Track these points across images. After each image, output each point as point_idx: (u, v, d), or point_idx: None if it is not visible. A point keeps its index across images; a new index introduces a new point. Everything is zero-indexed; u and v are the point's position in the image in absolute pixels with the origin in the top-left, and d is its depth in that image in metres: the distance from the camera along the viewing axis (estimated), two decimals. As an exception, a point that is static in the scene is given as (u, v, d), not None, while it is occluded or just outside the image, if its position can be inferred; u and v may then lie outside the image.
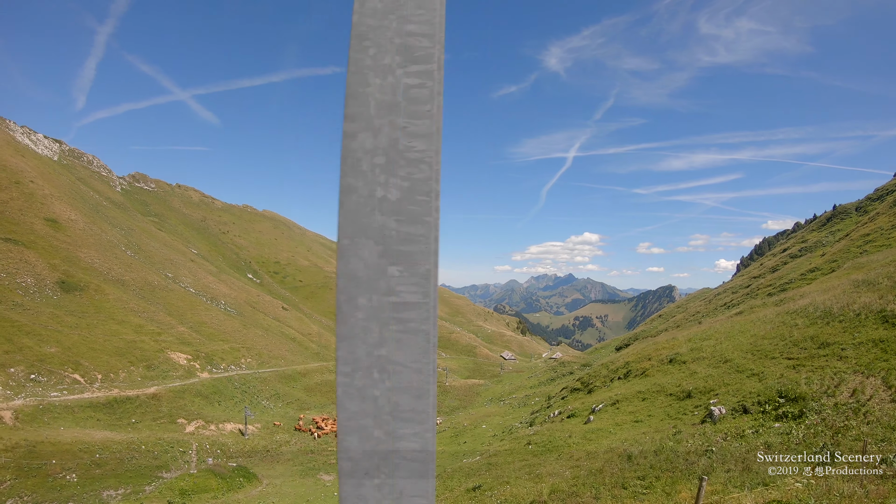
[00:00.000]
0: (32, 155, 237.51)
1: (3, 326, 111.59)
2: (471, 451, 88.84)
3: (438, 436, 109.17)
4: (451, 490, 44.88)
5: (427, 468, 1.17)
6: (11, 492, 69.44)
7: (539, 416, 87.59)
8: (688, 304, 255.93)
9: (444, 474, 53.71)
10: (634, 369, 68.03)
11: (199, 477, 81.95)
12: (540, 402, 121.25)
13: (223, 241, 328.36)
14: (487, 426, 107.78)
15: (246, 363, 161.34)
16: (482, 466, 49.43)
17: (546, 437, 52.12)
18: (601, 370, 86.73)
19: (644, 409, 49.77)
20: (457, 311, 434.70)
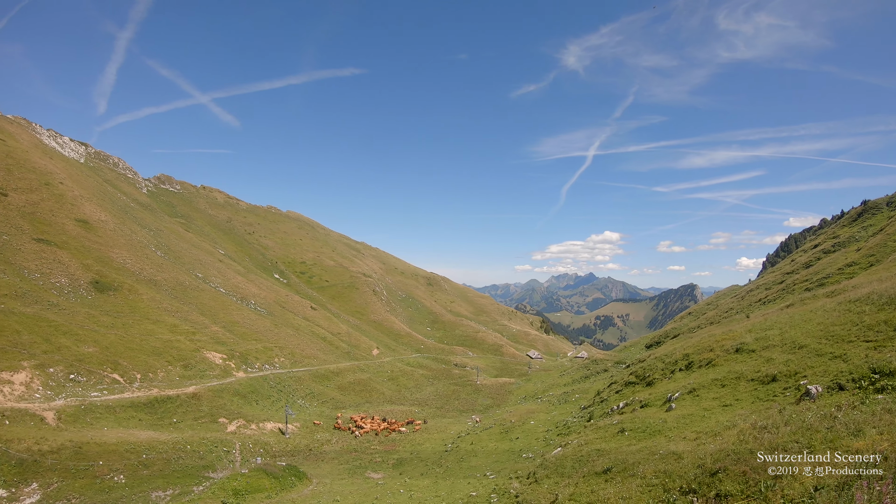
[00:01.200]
0: (60, 157, 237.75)
1: (41, 326, 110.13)
2: (527, 447, 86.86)
3: (487, 432, 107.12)
4: (567, 476, 43.31)
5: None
6: (59, 494, 67.30)
7: (596, 410, 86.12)
8: (717, 301, 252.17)
9: (550, 465, 51.78)
10: (697, 360, 67.48)
11: (251, 477, 79.59)
12: (585, 397, 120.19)
13: (249, 242, 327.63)
14: (536, 422, 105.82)
15: (279, 362, 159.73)
16: (589, 454, 47.44)
17: (637, 425, 51.16)
18: (655, 364, 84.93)
19: (727, 394, 49.68)
20: (481, 309, 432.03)
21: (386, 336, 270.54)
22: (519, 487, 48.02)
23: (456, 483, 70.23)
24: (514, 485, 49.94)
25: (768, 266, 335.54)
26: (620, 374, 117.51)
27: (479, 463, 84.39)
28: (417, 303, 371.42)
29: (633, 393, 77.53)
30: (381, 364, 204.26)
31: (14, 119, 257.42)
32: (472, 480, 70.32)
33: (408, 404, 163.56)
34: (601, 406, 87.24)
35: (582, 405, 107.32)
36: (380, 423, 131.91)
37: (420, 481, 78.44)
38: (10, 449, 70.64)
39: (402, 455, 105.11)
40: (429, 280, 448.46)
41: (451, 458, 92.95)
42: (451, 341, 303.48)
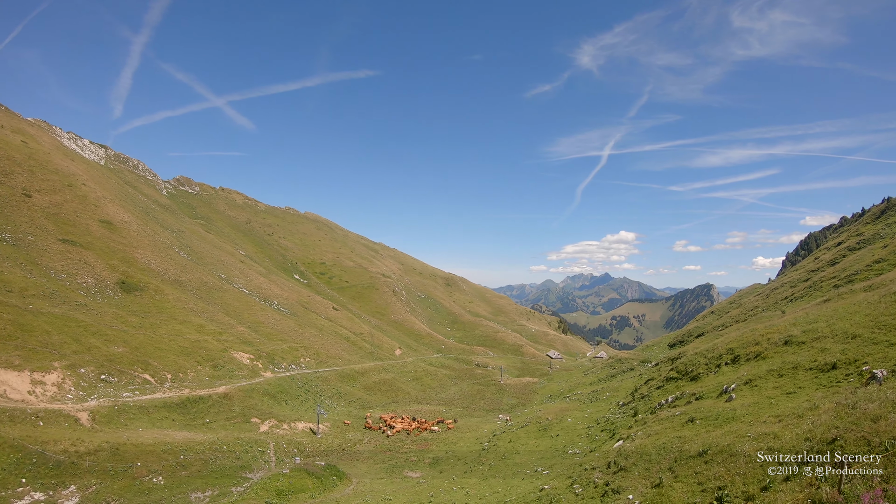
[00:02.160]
0: (81, 159, 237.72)
1: (70, 326, 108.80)
2: (571, 444, 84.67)
3: (523, 430, 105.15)
4: (656, 462, 42.79)
5: None
6: (98, 496, 65.47)
7: (640, 406, 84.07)
8: (740, 299, 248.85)
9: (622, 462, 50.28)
10: (743, 354, 67.31)
11: (293, 476, 77.76)
12: (618, 395, 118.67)
13: (269, 243, 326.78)
14: (573, 419, 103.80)
15: (305, 362, 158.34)
16: (670, 441, 46.63)
17: (703, 415, 50.68)
18: (697, 359, 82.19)
19: (787, 383, 49.78)
20: (499, 310, 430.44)
21: (407, 336, 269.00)
22: (603, 477, 46.94)
23: (510, 481, 68.17)
24: (595, 475, 48.60)
25: (788, 265, 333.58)
26: (656, 372, 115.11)
27: (523, 460, 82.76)
28: (436, 303, 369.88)
29: (677, 388, 76.60)
30: (404, 364, 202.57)
31: (34, 122, 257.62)
32: (526, 477, 68.50)
33: (434, 404, 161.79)
34: (643, 402, 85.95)
35: (619, 402, 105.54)
36: (410, 422, 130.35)
37: (467, 480, 76.54)
38: (46, 451, 68.93)
39: (436, 454, 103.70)
40: (447, 280, 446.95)
41: (491, 456, 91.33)
42: (471, 341, 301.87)
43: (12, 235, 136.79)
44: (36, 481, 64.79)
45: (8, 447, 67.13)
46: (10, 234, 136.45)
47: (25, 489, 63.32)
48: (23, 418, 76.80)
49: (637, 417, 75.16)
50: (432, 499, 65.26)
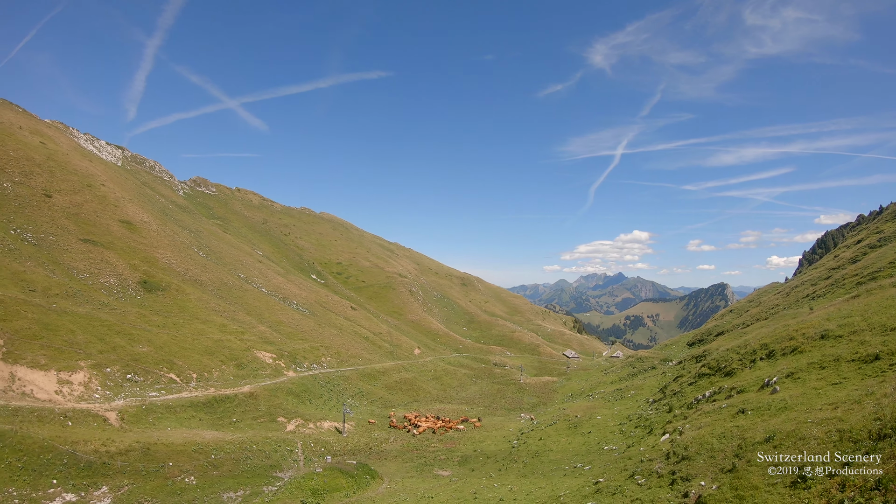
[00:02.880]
0: (98, 160, 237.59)
1: (94, 326, 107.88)
2: (604, 440, 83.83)
3: (552, 428, 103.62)
4: (720, 451, 42.36)
5: None
6: (130, 497, 64.14)
7: (674, 402, 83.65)
8: (759, 298, 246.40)
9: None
10: (778, 349, 67.69)
11: (327, 475, 76.38)
12: (642, 393, 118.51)
13: (285, 243, 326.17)
14: (602, 417, 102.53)
15: (326, 362, 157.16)
16: (727, 430, 45.90)
17: (753, 406, 50.40)
18: (729, 355, 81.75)
19: (831, 374, 49.96)
20: (515, 309, 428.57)
21: (424, 336, 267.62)
22: (665, 466, 46.22)
23: (552, 478, 66.44)
24: (656, 466, 47.81)
25: (806, 263, 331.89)
26: (681, 369, 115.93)
27: (558, 457, 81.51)
28: (453, 303, 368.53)
29: (711, 384, 76.96)
30: (423, 363, 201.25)
31: (52, 123, 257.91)
32: (567, 474, 67.07)
33: (455, 403, 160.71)
34: (676, 398, 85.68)
35: (647, 399, 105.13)
36: (434, 421, 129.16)
37: (504, 477, 75.20)
38: (76, 451, 67.75)
39: (465, 452, 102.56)
40: (463, 280, 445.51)
41: (523, 454, 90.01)
42: (488, 341, 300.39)
43: (34, 235, 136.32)
44: (67, 482, 63.61)
45: (37, 447, 66.01)
46: (31, 234, 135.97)
47: (57, 490, 62.14)
48: (51, 418, 75.75)
49: (674, 413, 75.01)
50: (476, 496, 63.65)
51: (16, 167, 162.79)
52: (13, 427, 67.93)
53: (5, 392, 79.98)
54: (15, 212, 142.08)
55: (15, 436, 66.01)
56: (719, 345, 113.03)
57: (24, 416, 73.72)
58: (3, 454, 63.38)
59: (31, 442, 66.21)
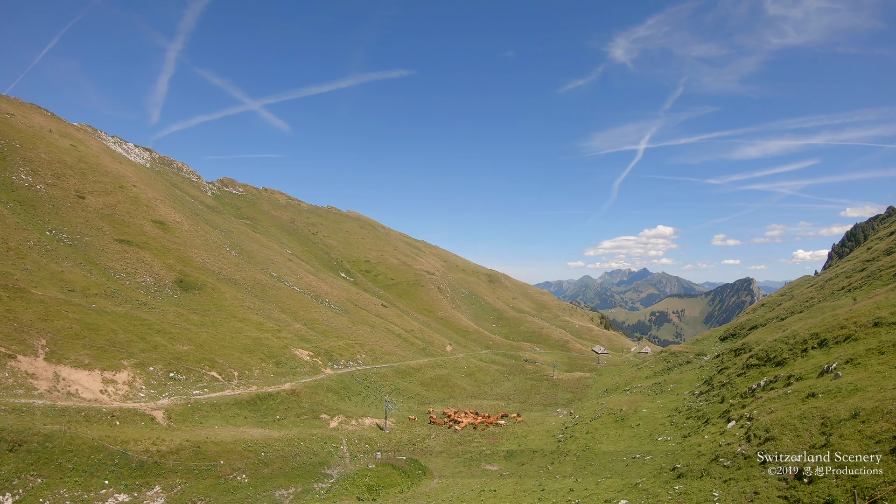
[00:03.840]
0: (128, 162, 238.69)
1: (135, 325, 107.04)
2: (656, 432, 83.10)
3: (598, 421, 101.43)
4: (806, 430, 43.45)
5: None
6: (183, 497, 62.58)
7: (725, 392, 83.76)
8: (791, 291, 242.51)
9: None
10: (830, 338, 68.96)
11: (380, 471, 75.12)
12: (681, 387, 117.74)
13: (314, 242, 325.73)
14: (648, 410, 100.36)
15: (362, 359, 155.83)
16: (805, 412, 47.18)
17: (821, 390, 51.30)
18: (777, 346, 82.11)
19: (892, 359, 50.77)
20: (542, 306, 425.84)
21: (454, 333, 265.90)
22: (749, 448, 47.12)
23: (615, 469, 65.02)
24: (739, 448, 48.42)
25: (836, 256, 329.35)
26: (719, 363, 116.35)
27: (612, 449, 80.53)
28: (480, 300, 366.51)
29: (762, 374, 77.40)
30: (456, 360, 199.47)
31: (80, 126, 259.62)
32: (630, 464, 66.58)
33: (491, 399, 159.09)
34: (726, 389, 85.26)
35: (692, 392, 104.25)
36: (474, 416, 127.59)
37: (561, 468, 74.51)
38: (127, 451, 66.32)
39: (509, 448, 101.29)
40: (489, 277, 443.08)
41: (573, 447, 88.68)
42: (517, 337, 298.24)
43: (69, 236, 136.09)
44: (119, 482, 62.19)
45: (87, 448, 64.66)
46: (66, 235, 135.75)
47: (109, 491, 60.73)
48: (98, 418, 74.55)
49: (728, 403, 74.85)
50: (543, 488, 61.79)
51: (48, 170, 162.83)
52: (62, 427, 66.65)
53: (50, 392, 78.99)
54: (49, 213, 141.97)
55: (64, 436, 64.70)
56: (759, 337, 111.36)
57: (71, 416, 72.57)
58: (53, 455, 62.06)
59: (80, 442, 64.88)
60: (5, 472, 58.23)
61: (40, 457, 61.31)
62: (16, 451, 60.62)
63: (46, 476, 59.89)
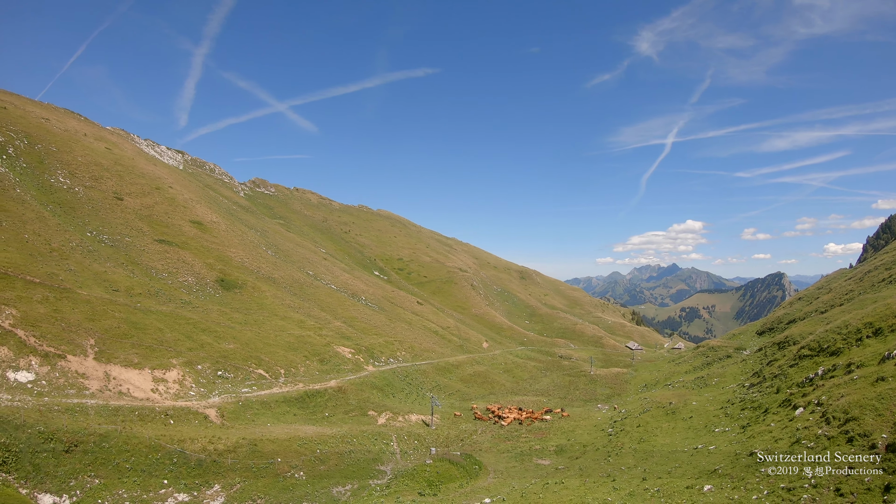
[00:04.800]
0: (162, 164, 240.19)
1: (180, 324, 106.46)
2: (712, 424, 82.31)
3: (648, 415, 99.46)
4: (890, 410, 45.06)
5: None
6: (243, 495, 61.18)
7: (779, 383, 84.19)
8: (828, 284, 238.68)
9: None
10: (885, 326, 71.09)
11: (438, 466, 73.90)
12: (726, 380, 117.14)
13: (346, 241, 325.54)
14: (698, 402, 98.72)
15: (402, 356, 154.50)
16: (883, 394, 49.06)
17: (890, 374, 52.86)
18: (829, 336, 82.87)
19: None
20: (574, 302, 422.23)
21: (489, 329, 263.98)
22: (828, 430, 49.29)
23: (680, 459, 64.02)
24: (819, 431, 50.52)
25: (871, 249, 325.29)
26: (766, 355, 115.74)
27: (668, 441, 79.60)
28: (513, 296, 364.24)
29: (817, 364, 78.29)
30: (493, 356, 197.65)
31: (114, 130, 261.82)
32: (695, 453, 65.86)
33: (531, 395, 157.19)
34: (779, 380, 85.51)
35: (742, 384, 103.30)
36: (519, 412, 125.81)
37: (620, 460, 72.85)
38: (185, 450, 65.07)
39: (558, 442, 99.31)
40: (521, 273, 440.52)
41: (626, 440, 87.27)
42: (550, 333, 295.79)
43: (110, 237, 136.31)
44: (178, 482, 60.98)
45: (144, 447, 63.55)
46: (107, 236, 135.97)
47: (168, 490, 59.51)
48: (152, 417, 73.58)
49: (786, 392, 74.78)
50: (614, 480, 60.04)
51: (86, 172, 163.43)
52: (117, 427, 65.64)
53: (102, 391, 78.14)
54: (89, 214, 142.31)
55: (120, 436, 63.65)
56: (802, 330, 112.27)
57: (124, 415, 71.65)
58: (110, 455, 61.02)
59: (136, 442, 63.79)
60: (62, 473, 57.34)
61: (97, 457, 60.34)
62: (72, 451, 59.68)
63: (104, 477, 58.87)
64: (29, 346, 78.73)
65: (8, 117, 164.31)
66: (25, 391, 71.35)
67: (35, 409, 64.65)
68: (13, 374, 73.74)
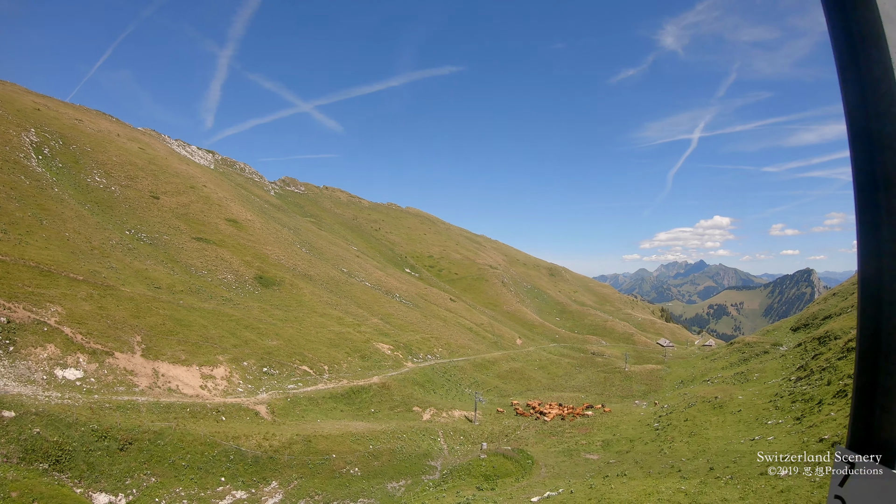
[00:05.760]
0: (194, 164, 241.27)
1: (223, 321, 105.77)
2: (764, 416, 79.58)
3: (694, 409, 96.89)
4: None
5: None
6: (300, 492, 59.82)
7: (829, 375, 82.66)
8: None
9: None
10: None
11: (493, 461, 72.40)
12: (769, 375, 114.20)
13: (377, 238, 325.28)
14: (744, 396, 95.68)
15: (438, 352, 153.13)
16: None
17: None
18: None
19: None
20: (604, 299, 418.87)
21: (521, 326, 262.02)
22: None
23: (740, 450, 61.80)
24: None
25: None
26: (807, 350, 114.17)
27: (720, 434, 77.30)
28: (543, 293, 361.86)
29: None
30: (527, 353, 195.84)
31: (145, 131, 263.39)
32: (755, 443, 64.32)
33: (568, 391, 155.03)
34: (828, 373, 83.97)
35: (789, 378, 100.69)
36: (560, 408, 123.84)
37: (677, 451, 71.03)
38: (241, 446, 63.91)
39: (603, 437, 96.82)
40: (550, 271, 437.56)
41: (676, 434, 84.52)
42: (581, 330, 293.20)
43: (148, 235, 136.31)
44: (236, 479, 59.78)
45: (199, 444, 62.40)
46: (146, 234, 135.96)
47: (226, 488, 58.30)
48: (204, 414, 72.53)
49: (838, 384, 73.73)
50: (680, 470, 58.46)
51: (121, 171, 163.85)
52: (171, 424, 64.61)
53: (151, 388, 77.31)
54: (127, 213, 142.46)
55: (174, 433, 62.58)
56: (843, 325, 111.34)
57: (176, 412, 70.63)
58: (166, 453, 59.92)
59: (191, 439, 62.67)
60: (117, 471, 56.20)
61: (152, 455, 59.25)
62: (126, 449, 58.60)
63: (160, 475, 57.73)
64: (76, 343, 78.00)
65: (42, 118, 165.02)
66: (74, 389, 70.55)
67: (86, 406, 63.69)
68: (61, 371, 72.95)
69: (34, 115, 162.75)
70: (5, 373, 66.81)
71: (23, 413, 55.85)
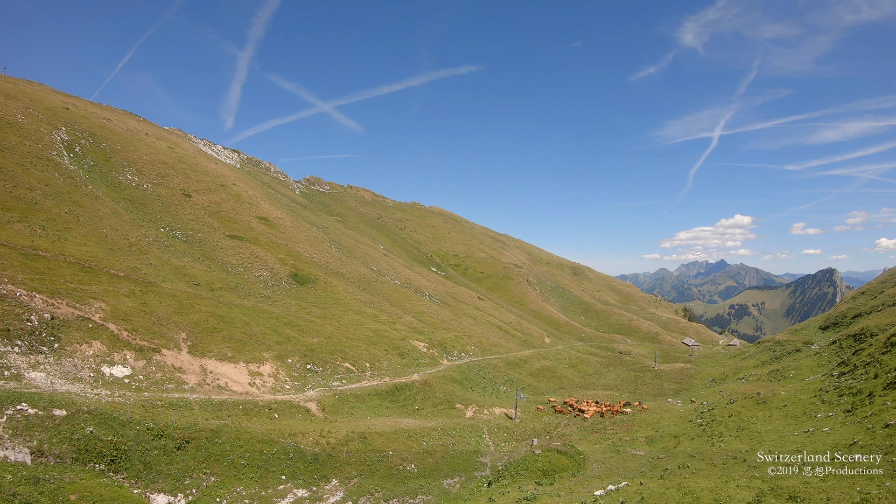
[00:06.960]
0: (221, 163, 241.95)
1: (264, 318, 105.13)
2: (810, 410, 79.67)
3: (736, 405, 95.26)
4: None
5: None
6: (361, 489, 58.71)
7: (874, 369, 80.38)
8: (893, 278, 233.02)
9: None
10: None
11: (549, 456, 70.67)
12: (805, 372, 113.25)
13: (402, 237, 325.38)
14: (787, 392, 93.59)
15: (472, 350, 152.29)
16: None
17: None
18: None
19: None
20: (627, 298, 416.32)
21: (547, 325, 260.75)
22: None
23: (813, 441, 60.42)
24: None
25: None
26: (841, 347, 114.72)
27: (770, 428, 76.19)
28: (567, 292, 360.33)
29: None
30: (557, 351, 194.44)
31: (172, 130, 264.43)
32: (812, 435, 63.15)
33: (600, 389, 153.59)
34: (872, 367, 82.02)
35: (830, 374, 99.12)
36: (598, 405, 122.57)
37: (730, 445, 69.63)
38: (299, 444, 62.74)
39: (646, 434, 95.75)
40: (573, 269, 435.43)
41: (722, 428, 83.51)
42: (607, 329, 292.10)
43: (182, 233, 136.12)
44: (296, 477, 58.62)
45: (257, 442, 61.30)
46: (180, 232, 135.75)
47: (287, 486, 57.12)
48: (256, 411, 71.57)
49: (885, 377, 72.77)
50: (745, 461, 57.33)
51: (152, 170, 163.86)
52: (226, 422, 63.50)
53: (200, 386, 76.46)
54: (160, 211, 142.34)
55: (231, 431, 61.47)
56: (879, 322, 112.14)
57: (228, 409, 69.64)
58: (224, 451, 58.73)
59: (248, 437, 61.53)
60: (175, 471, 54.93)
61: (210, 454, 58.07)
62: (184, 448, 57.41)
63: (219, 474, 56.49)
64: (122, 340, 77.26)
65: (72, 117, 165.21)
66: (123, 386, 69.74)
67: (138, 404, 62.62)
68: (108, 368, 72.16)
69: (63, 114, 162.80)
70: (52, 370, 66.04)
71: (74, 412, 54.62)
